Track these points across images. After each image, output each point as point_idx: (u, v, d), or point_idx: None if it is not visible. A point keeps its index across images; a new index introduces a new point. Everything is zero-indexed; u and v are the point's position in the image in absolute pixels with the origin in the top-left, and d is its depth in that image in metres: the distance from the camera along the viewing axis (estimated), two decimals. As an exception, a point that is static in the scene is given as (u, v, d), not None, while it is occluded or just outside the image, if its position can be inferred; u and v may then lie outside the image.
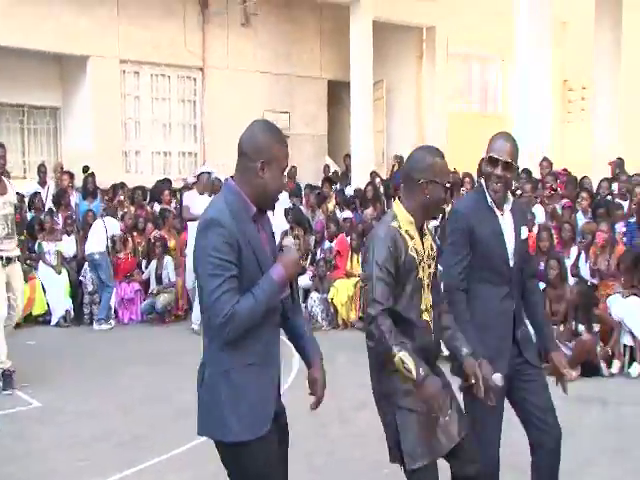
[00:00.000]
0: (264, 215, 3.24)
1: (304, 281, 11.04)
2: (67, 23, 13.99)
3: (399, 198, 3.55)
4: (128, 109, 15.37)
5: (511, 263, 3.81)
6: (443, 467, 3.49)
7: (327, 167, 15.90)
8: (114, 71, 14.93)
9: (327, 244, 11.74)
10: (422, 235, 3.46)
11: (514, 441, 4.20)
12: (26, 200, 12.35)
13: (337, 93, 16.93)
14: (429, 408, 3.21)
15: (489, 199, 3.79)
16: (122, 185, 13.04)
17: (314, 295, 10.95)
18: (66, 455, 5.87)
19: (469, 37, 16.99)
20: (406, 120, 17.63)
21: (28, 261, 10.95)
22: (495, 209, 3.80)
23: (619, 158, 11.79)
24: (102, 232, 11.37)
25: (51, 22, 13.79)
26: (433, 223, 9.50)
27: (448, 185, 3.55)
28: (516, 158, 3.76)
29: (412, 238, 3.40)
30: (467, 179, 11.69)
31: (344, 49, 15.81)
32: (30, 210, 12.35)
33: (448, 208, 7.80)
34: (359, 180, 14.72)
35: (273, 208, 3.30)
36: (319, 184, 14.49)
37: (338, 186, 15.13)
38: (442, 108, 17.36)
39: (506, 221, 3.83)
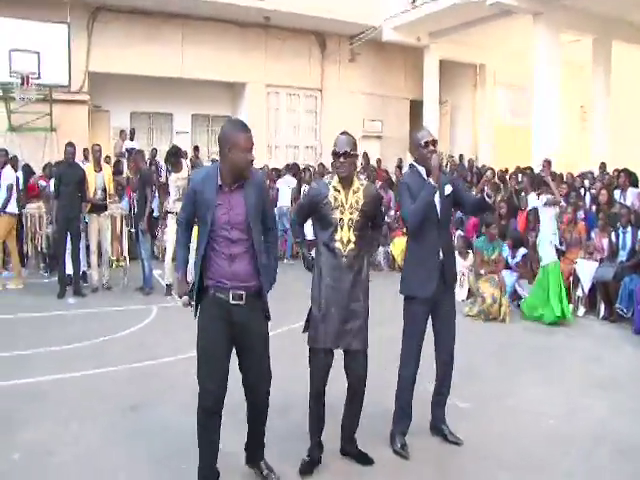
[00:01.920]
0: (242, 185, 2.98)
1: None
2: (234, 61, 14.47)
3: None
4: (271, 117, 15.68)
5: (439, 215, 3.64)
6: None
7: (400, 160, 15.61)
8: (262, 92, 15.33)
9: (392, 212, 11.73)
10: (349, 192, 3.37)
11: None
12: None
13: (416, 109, 16.63)
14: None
15: (422, 173, 3.65)
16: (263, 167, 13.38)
17: (380, 249, 10.76)
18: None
19: (509, 71, 16.32)
20: (464, 129, 17.19)
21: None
22: (425, 177, 3.61)
23: (602, 162, 11.05)
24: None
25: (225, 60, 14.29)
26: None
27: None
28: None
29: (337, 191, 3.36)
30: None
31: (421, 78, 15.60)
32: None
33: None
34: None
35: (246, 177, 2.97)
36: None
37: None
38: (490, 121, 16.69)
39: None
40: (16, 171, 8.79)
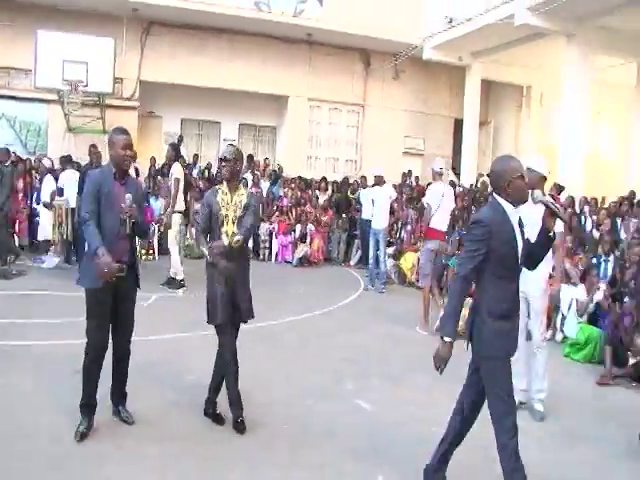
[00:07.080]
0: (126, 177, 3.84)
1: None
2: (278, 75, 15.22)
3: None
4: (312, 130, 16.27)
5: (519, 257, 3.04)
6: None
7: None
8: (304, 106, 15.99)
9: (408, 227, 11.85)
10: (234, 194, 4.00)
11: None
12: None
13: (462, 128, 16.64)
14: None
15: (507, 209, 3.02)
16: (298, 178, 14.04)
17: (390, 261, 10.83)
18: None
19: (557, 94, 16.05)
20: (507, 149, 17.01)
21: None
22: (510, 216, 3.02)
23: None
24: None
25: (269, 74, 15.09)
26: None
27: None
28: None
29: (225, 193, 4.01)
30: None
31: (466, 96, 15.71)
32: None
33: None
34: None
35: (123, 171, 3.83)
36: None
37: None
38: (533, 142, 16.45)
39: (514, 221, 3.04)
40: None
